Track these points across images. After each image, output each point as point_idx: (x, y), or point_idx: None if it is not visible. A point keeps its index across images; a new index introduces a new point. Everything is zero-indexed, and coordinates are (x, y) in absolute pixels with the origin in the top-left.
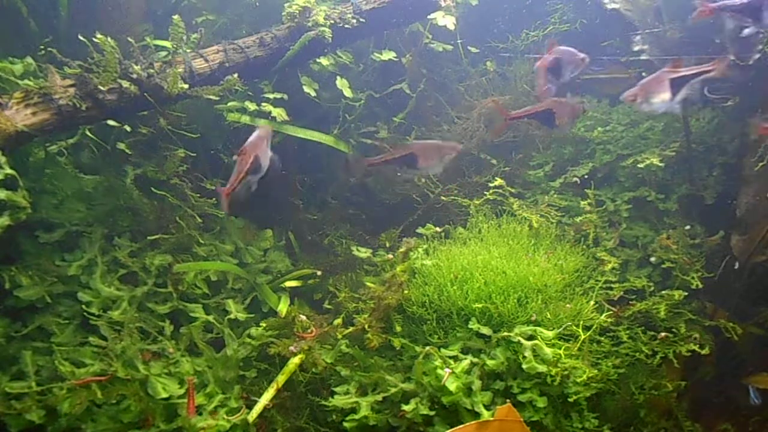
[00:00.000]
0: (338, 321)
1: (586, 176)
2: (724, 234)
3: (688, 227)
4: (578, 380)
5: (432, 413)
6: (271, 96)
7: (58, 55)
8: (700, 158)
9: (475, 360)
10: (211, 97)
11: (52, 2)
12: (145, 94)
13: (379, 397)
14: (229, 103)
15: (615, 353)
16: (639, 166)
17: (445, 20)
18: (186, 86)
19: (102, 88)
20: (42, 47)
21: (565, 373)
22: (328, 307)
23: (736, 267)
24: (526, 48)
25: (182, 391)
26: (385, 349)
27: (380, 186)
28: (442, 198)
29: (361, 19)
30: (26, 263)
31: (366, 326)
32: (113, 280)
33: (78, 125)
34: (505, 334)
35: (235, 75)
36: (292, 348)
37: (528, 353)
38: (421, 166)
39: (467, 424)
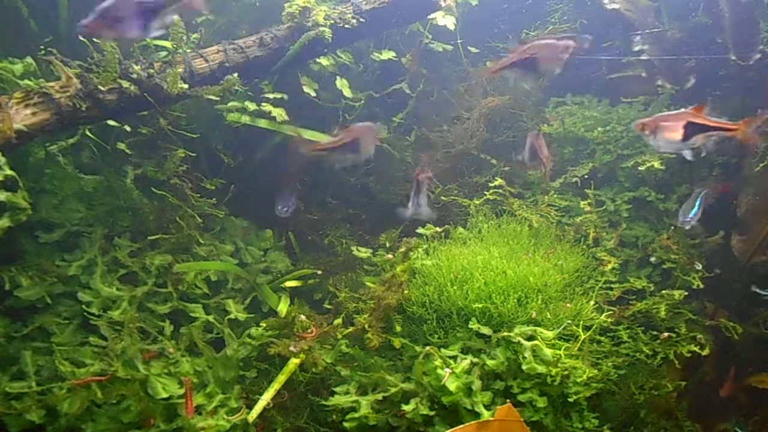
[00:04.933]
0: (338, 321)
1: (586, 176)
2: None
3: (688, 227)
4: (578, 380)
5: (432, 413)
6: (271, 96)
7: (58, 55)
8: (700, 158)
9: (475, 360)
10: (211, 97)
11: (52, 2)
12: (145, 94)
13: (379, 397)
14: (229, 103)
15: (615, 353)
16: (640, 169)
17: (445, 20)
18: (186, 86)
19: (102, 88)
20: (42, 47)
21: (565, 373)
22: (328, 307)
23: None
24: None
25: (182, 391)
26: (385, 349)
27: (380, 186)
28: (442, 198)
29: (361, 19)
30: (26, 263)
31: (366, 326)
32: (113, 280)
33: (78, 125)
34: (505, 334)
35: (235, 75)
36: (292, 348)
37: (528, 354)
38: (541, 67)
39: (467, 424)
